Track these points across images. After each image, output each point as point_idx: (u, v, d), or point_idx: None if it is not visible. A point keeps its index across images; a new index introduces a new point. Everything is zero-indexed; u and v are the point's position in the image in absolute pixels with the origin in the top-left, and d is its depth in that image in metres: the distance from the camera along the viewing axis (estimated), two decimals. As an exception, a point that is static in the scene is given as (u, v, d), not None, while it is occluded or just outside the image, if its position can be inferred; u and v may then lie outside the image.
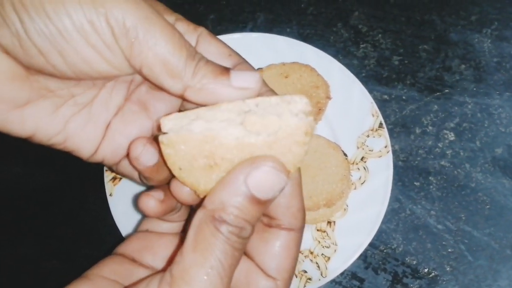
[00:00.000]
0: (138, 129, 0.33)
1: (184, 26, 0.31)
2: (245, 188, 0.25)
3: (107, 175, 0.51)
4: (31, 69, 0.29)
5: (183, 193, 0.30)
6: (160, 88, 0.29)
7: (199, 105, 0.29)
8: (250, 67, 0.32)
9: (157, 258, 0.32)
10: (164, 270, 0.26)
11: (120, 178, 0.51)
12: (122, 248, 0.33)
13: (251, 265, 0.30)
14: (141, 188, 0.50)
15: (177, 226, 0.35)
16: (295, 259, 0.30)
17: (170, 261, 0.29)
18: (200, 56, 0.28)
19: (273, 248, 0.29)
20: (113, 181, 0.50)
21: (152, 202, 0.31)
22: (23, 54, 0.27)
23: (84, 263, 0.51)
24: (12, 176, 0.55)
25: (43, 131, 0.31)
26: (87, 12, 0.26)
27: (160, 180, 0.32)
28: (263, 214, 0.29)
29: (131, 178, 0.35)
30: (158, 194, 0.32)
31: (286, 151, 0.26)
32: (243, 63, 0.31)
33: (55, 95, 0.31)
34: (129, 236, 0.35)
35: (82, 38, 0.27)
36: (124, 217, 0.49)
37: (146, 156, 0.30)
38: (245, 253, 0.31)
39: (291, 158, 0.26)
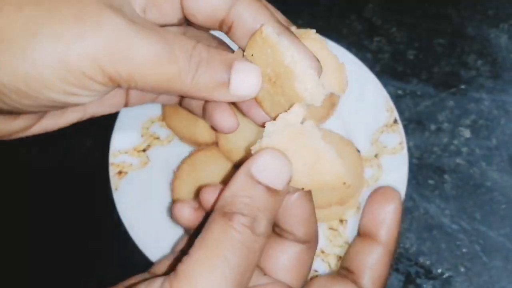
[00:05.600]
0: None
1: None
2: (251, 177, 0.25)
3: (113, 169, 0.49)
4: None
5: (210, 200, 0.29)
6: None
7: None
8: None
9: None
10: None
11: (126, 172, 0.49)
12: (159, 271, 0.32)
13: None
14: (148, 184, 0.49)
15: None
16: (307, 272, 0.30)
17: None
18: (196, 62, 0.25)
19: (283, 260, 0.29)
20: (119, 175, 0.49)
21: (187, 210, 0.30)
22: None
23: (90, 258, 0.50)
24: (16, 170, 0.54)
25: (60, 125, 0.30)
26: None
27: None
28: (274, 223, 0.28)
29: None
30: (192, 203, 0.31)
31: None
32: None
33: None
34: (164, 258, 0.33)
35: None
36: (129, 211, 0.48)
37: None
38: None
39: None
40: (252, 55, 0.27)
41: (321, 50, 0.27)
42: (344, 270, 0.31)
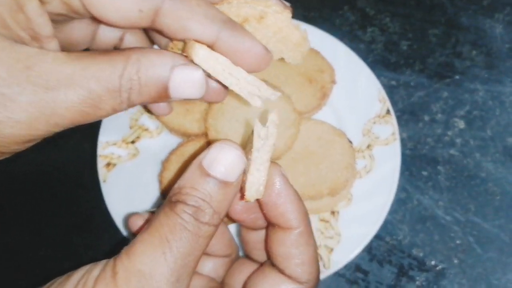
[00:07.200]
0: None
1: None
2: (201, 169, 0.25)
3: (101, 161, 0.48)
4: None
5: None
6: None
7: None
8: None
9: None
10: None
11: (115, 164, 0.48)
12: None
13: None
14: (137, 176, 0.48)
15: (214, 269, 0.35)
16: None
17: None
18: (127, 91, 0.26)
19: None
20: (107, 167, 0.48)
21: (140, 221, 0.33)
22: None
23: (79, 251, 0.49)
24: (5, 162, 0.53)
25: None
26: None
27: None
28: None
29: None
30: (146, 215, 0.33)
31: None
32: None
33: None
34: None
35: None
36: (117, 203, 0.47)
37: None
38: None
39: None
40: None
41: (284, 22, 0.27)
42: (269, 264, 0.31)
